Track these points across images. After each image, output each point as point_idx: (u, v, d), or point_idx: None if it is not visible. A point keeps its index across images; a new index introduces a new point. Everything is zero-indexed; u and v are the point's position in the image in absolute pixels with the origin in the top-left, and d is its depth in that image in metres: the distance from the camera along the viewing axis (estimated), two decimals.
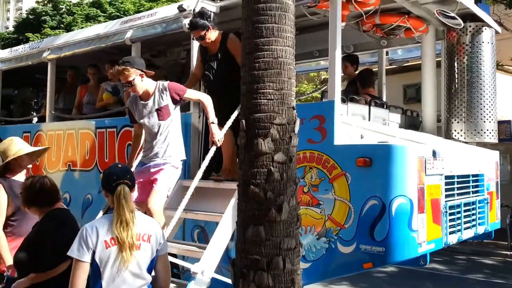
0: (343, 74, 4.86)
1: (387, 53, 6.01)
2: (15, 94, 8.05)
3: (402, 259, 3.46)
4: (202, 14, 4.06)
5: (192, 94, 3.88)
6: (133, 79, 3.66)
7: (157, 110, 3.75)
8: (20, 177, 3.47)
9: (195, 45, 4.48)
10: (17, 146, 3.43)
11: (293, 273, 2.39)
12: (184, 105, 4.92)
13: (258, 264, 2.37)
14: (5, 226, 3.31)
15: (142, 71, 3.71)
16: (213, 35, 4.09)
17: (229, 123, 3.74)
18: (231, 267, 2.53)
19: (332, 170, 3.60)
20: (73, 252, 2.25)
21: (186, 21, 4.37)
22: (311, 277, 3.58)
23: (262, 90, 2.55)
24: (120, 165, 2.53)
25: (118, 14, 21.24)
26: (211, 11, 4.20)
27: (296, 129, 2.60)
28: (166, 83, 3.82)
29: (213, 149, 3.70)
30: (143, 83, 3.73)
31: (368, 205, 3.39)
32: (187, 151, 4.42)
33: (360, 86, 4.98)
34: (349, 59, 5.29)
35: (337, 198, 3.54)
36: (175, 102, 3.79)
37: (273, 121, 2.52)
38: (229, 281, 3.68)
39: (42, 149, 3.65)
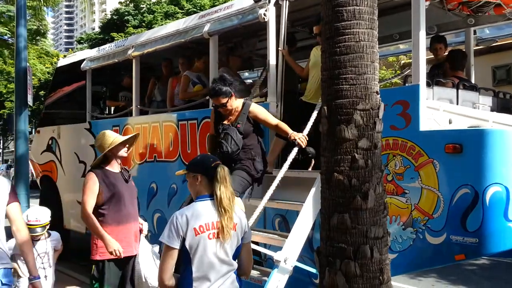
0: (429, 57, 4.61)
1: (474, 32, 5.61)
2: (103, 91, 8.57)
3: (497, 250, 3.24)
4: (225, 80, 3.88)
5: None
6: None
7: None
8: (116, 167, 3.69)
9: (272, 35, 4.48)
10: (110, 138, 3.65)
11: (381, 262, 2.32)
12: (263, 94, 4.97)
13: (344, 253, 2.32)
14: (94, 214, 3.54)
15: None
16: (235, 103, 3.88)
17: (310, 122, 3.72)
18: (316, 255, 2.51)
19: (418, 158, 3.44)
20: (163, 238, 2.35)
21: (261, 11, 4.38)
22: (398, 268, 3.46)
23: (343, 76, 2.49)
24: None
25: (195, 10, 21.88)
26: (232, 79, 3.99)
27: (381, 114, 2.51)
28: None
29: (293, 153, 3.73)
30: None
31: (459, 194, 3.20)
32: (266, 141, 4.45)
33: (449, 68, 4.67)
34: (437, 40, 4.99)
35: (424, 186, 3.39)
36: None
37: (356, 106, 2.45)
38: (312, 270, 3.67)
39: (133, 136, 3.84)
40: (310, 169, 4.49)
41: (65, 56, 14.48)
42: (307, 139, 3.78)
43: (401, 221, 3.49)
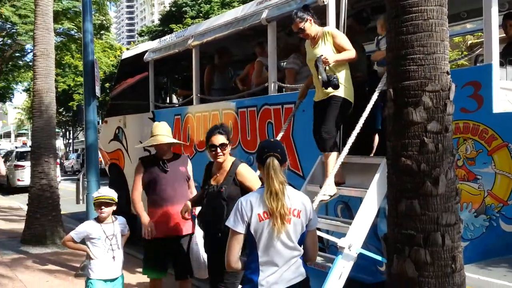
0: (501, 36, 4.31)
1: None
2: (164, 81, 8.80)
3: None
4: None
5: None
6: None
7: None
8: (168, 154, 4.08)
9: (331, 19, 4.38)
10: (154, 132, 4.06)
11: (453, 250, 2.22)
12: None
13: (414, 240, 2.25)
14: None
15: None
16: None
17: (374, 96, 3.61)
18: (383, 241, 2.45)
19: (491, 141, 3.25)
20: (229, 222, 2.39)
21: None
22: (469, 257, 3.30)
23: (411, 56, 2.38)
24: (272, 140, 2.60)
25: None
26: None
27: (451, 95, 2.39)
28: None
29: (359, 125, 3.58)
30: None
31: None
32: None
33: None
34: (510, 17, 4.65)
35: (498, 172, 3.20)
36: None
37: (424, 88, 2.35)
38: (377, 257, 3.60)
39: (160, 144, 4.05)
40: (372, 154, 4.38)
41: (128, 48, 15.00)
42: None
43: (473, 208, 3.33)
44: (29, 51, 22.34)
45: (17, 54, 22.68)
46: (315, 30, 3.86)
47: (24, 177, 16.17)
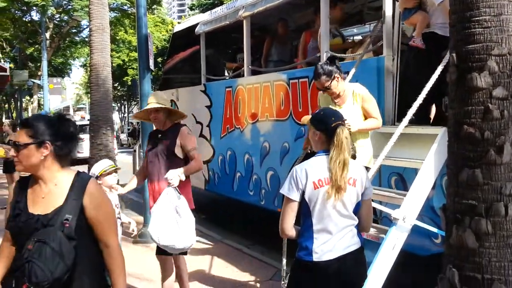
0: None
1: None
2: (215, 54, 8.83)
3: None
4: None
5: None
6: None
7: None
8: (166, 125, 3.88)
9: None
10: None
11: None
12: (377, 49, 4.73)
13: (475, 210, 2.17)
14: None
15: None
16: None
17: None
18: (442, 212, 2.38)
19: None
20: (284, 190, 2.40)
21: None
22: None
23: (476, 18, 2.25)
24: (331, 108, 2.57)
25: None
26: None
27: None
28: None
29: (422, 95, 3.45)
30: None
31: None
32: (380, 97, 4.28)
33: None
34: None
35: None
36: None
37: (490, 52, 2.21)
38: (432, 229, 3.52)
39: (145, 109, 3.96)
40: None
41: (179, 22, 15.14)
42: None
43: None
44: (85, 27, 23.12)
45: (73, 30, 23.52)
46: (341, 88, 3.56)
47: (83, 149, 16.95)
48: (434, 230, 3.51)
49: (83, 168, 3.82)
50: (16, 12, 20.58)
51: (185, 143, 3.70)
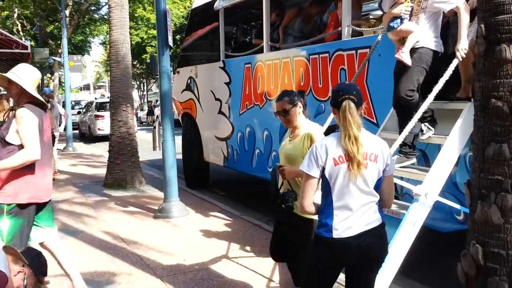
0: None
1: None
2: (234, 30, 8.74)
3: None
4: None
5: None
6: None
7: None
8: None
9: None
10: None
11: None
12: None
13: (501, 185, 2.12)
14: None
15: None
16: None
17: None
18: (466, 187, 2.33)
19: None
20: (303, 166, 2.38)
21: None
22: None
23: None
24: (347, 82, 2.51)
25: None
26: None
27: None
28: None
29: (451, 68, 3.36)
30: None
31: None
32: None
33: None
34: None
35: None
36: None
37: None
38: (455, 205, 3.48)
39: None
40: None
41: None
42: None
43: None
44: (103, 4, 23.10)
45: (92, 8, 23.52)
46: (299, 121, 3.18)
47: (104, 126, 17.18)
48: (457, 206, 3.47)
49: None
50: None
51: (17, 127, 3.19)
